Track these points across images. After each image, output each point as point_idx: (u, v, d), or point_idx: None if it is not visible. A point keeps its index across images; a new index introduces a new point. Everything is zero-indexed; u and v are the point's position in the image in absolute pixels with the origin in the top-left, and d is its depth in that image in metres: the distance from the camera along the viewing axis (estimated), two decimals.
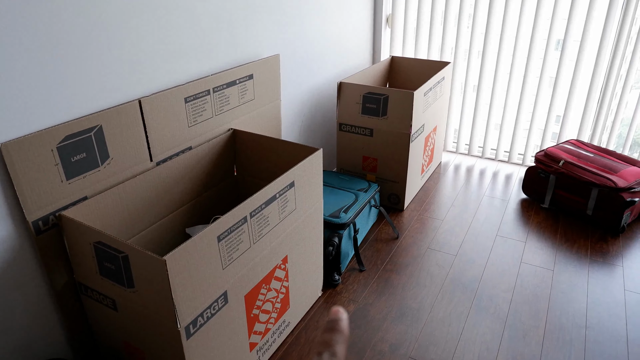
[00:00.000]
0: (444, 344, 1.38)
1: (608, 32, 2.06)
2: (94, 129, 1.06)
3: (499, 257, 1.75)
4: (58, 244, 1.06)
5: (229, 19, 1.43)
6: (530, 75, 2.26)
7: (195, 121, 1.33)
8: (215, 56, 1.41)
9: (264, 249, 1.16)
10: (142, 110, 1.16)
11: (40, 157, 0.97)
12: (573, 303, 1.53)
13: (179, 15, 1.25)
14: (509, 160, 2.47)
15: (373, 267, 1.70)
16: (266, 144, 1.43)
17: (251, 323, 1.18)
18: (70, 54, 1.01)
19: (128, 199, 1.17)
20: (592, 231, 1.90)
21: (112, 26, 1.08)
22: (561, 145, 2.09)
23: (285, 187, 1.18)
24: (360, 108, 1.88)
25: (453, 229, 1.92)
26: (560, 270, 1.68)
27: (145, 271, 0.91)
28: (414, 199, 2.14)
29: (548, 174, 2.00)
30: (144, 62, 1.19)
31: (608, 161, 1.96)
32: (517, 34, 2.21)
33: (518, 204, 2.09)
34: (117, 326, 1.08)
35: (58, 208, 1.03)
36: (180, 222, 1.37)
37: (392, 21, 2.44)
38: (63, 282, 1.09)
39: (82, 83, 1.05)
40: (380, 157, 1.94)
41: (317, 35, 1.91)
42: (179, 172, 1.31)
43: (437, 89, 2.07)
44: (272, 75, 1.60)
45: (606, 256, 1.75)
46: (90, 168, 1.08)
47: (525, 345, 1.38)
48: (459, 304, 1.53)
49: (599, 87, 2.17)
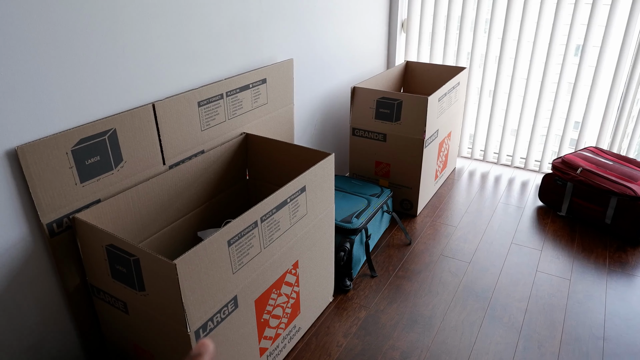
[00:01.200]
0: (456, 353, 1.36)
1: (629, 38, 2.02)
2: (108, 133, 1.07)
3: (514, 265, 1.72)
4: (71, 246, 1.07)
5: (243, 24, 1.43)
6: (548, 80, 2.23)
7: (208, 125, 1.33)
8: (229, 60, 1.41)
9: (274, 254, 1.15)
10: (155, 114, 1.17)
11: (55, 160, 0.98)
12: (590, 314, 1.50)
13: (193, 19, 1.26)
14: (525, 167, 2.44)
15: (385, 273, 1.69)
16: (278, 148, 1.43)
17: (261, 328, 1.18)
18: (86, 58, 1.02)
19: (141, 202, 1.18)
20: (611, 241, 1.86)
21: (126, 31, 1.09)
22: (579, 153, 2.05)
23: (296, 191, 1.18)
24: (373, 113, 1.87)
25: (466, 236, 1.89)
26: (577, 280, 1.64)
27: (156, 274, 0.91)
28: (427, 205, 2.12)
29: (565, 182, 1.96)
30: (158, 66, 1.20)
31: (628, 169, 1.91)
32: (535, 39, 2.18)
33: (534, 212, 2.06)
34: (128, 329, 1.08)
35: (72, 210, 1.04)
36: (192, 225, 1.37)
37: (408, 26, 2.43)
38: (75, 284, 1.10)
39: (96, 87, 1.06)
40: (393, 162, 1.93)
41: (332, 39, 1.91)
42: (191, 175, 1.32)
43: (452, 94, 2.05)
44: (285, 80, 1.60)
45: (625, 266, 1.71)
46: (104, 171, 1.09)
47: (540, 356, 1.35)
48: (472, 312, 1.51)
49: (619, 94, 2.13)
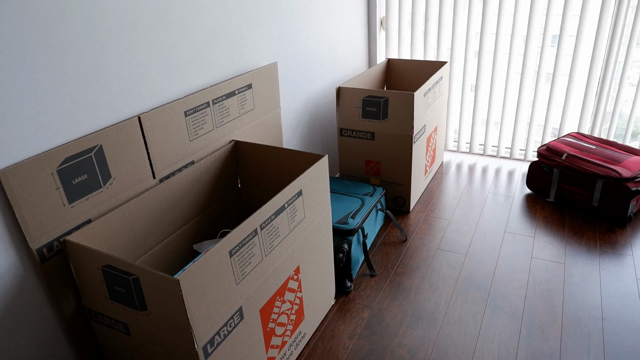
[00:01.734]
0: (463, 345, 1.36)
1: (603, 25, 2.06)
2: (94, 149, 1.04)
3: (509, 254, 1.73)
4: (64, 270, 1.02)
5: (224, 30, 1.40)
6: (528, 71, 2.26)
7: (196, 134, 1.30)
8: (213, 67, 1.39)
9: (276, 261, 1.13)
10: (142, 127, 1.14)
11: (40, 182, 0.94)
12: (587, 295, 1.51)
13: (174, 28, 1.23)
14: (511, 157, 2.46)
15: (384, 271, 1.67)
16: (269, 153, 1.41)
17: (268, 337, 1.15)
18: (65, 73, 0.99)
19: (133, 219, 1.14)
20: (599, 223, 1.89)
21: (105, 43, 1.06)
22: (562, 139, 2.08)
23: (293, 196, 1.16)
24: (360, 112, 1.86)
25: (461, 228, 1.90)
26: (572, 264, 1.66)
27: (158, 292, 0.88)
28: (419, 200, 2.12)
29: (551, 168, 1.99)
30: (141, 78, 1.16)
31: (610, 152, 1.95)
32: (513, 32, 2.21)
33: (523, 200, 2.08)
34: (131, 351, 1.04)
35: (62, 233, 1.00)
36: (186, 239, 1.34)
37: (386, 24, 2.43)
38: (72, 310, 1.06)
39: (78, 102, 1.02)
40: (383, 160, 1.92)
41: (313, 41, 1.89)
42: (183, 188, 1.29)
43: (436, 89, 2.06)
44: (270, 84, 1.58)
45: (615, 247, 1.74)
46: (93, 189, 1.05)
47: (544, 342, 1.35)
48: (473, 304, 1.51)
49: (596, 81, 2.17)
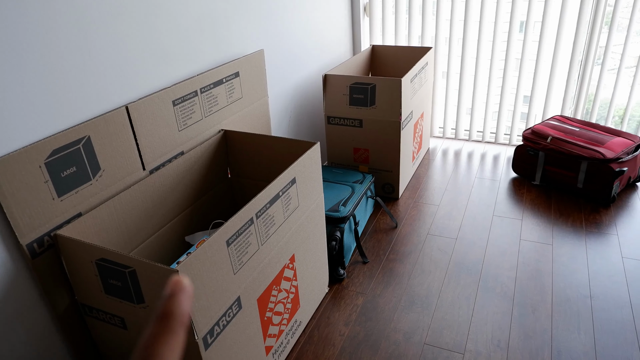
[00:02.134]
0: (457, 327, 1.37)
1: (584, 11, 2.08)
2: (82, 141, 1.01)
3: (498, 236, 1.75)
4: (56, 265, 1.00)
5: (211, 17, 1.38)
6: (511, 57, 2.27)
7: (185, 124, 1.28)
8: (200, 56, 1.36)
9: (272, 250, 1.12)
10: (130, 117, 1.11)
11: (28, 175, 0.91)
12: (575, 274, 1.54)
13: (160, 16, 1.20)
14: (496, 141, 2.49)
15: (376, 258, 1.68)
16: (259, 142, 1.39)
17: (265, 326, 1.15)
18: (50, 63, 0.95)
19: (124, 211, 1.12)
20: (584, 203, 1.92)
21: (91, 32, 1.03)
22: (547, 122, 2.11)
23: (287, 184, 1.15)
24: (347, 99, 1.85)
25: (450, 213, 1.91)
26: (559, 244, 1.69)
27: (156, 285, 0.87)
28: (408, 186, 2.13)
29: (537, 151, 2.01)
30: (128, 67, 1.13)
31: (594, 134, 1.98)
32: (496, 19, 2.22)
33: (509, 183, 2.10)
34: (128, 345, 1.03)
35: (52, 227, 0.97)
36: (178, 230, 1.32)
37: (370, 10, 2.41)
38: (65, 306, 1.04)
39: (65, 93, 0.99)
40: (371, 147, 1.92)
41: (298, 28, 1.87)
42: (173, 179, 1.27)
43: (422, 74, 2.06)
44: (258, 72, 1.55)
45: (600, 226, 1.78)
46: (82, 182, 1.02)
47: (535, 321, 1.38)
48: (465, 286, 1.52)
49: (577, 65, 2.19)
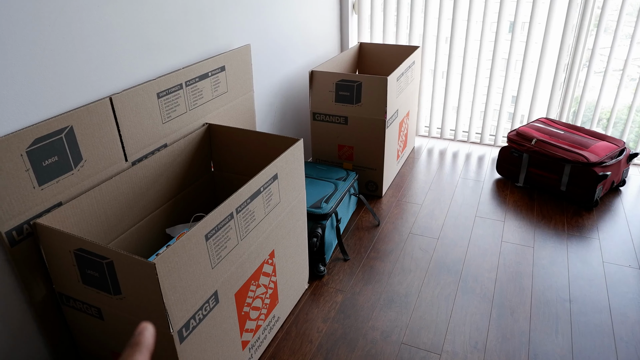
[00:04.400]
0: (435, 327, 1.39)
1: (572, 13, 2.10)
2: (64, 131, 1.00)
3: (480, 237, 1.77)
4: (34, 254, 1.00)
5: (197, 10, 1.37)
6: (498, 58, 2.29)
7: (169, 117, 1.28)
8: (185, 49, 1.36)
9: (251, 245, 1.13)
10: (113, 108, 1.11)
11: (9, 163, 0.91)
12: (555, 278, 1.57)
13: (146, 6, 1.19)
14: (481, 142, 2.51)
15: (357, 255, 1.69)
16: (243, 137, 1.40)
17: (242, 321, 1.15)
18: (33, 51, 0.95)
19: (105, 202, 1.12)
20: (567, 206, 1.95)
21: (75, 21, 1.02)
22: (532, 124, 2.13)
23: (269, 180, 1.15)
24: (333, 96, 1.86)
25: (432, 212, 1.93)
26: (540, 247, 1.71)
27: (133, 276, 0.87)
28: (392, 185, 2.14)
29: (521, 153, 2.03)
30: (112, 58, 1.13)
31: (578, 137, 2.00)
32: (484, 19, 2.23)
33: (493, 184, 2.13)
34: (104, 336, 1.03)
35: (32, 216, 0.97)
36: (159, 222, 1.32)
37: (359, 7, 2.42)
38: (42, 295, 1.03)
39: (49, 82, 0.99)
40: (356, 144, 1.93)
41: (286, 23, 1.87)
42: (156, 171, 1.26)
43: (409, 73, 2.07)
44: (244, 66, 1.55)
45: (582, 230, 1.80)
46: (63, 172, 1.02)
47: (514, 322, 1.40)
48: (445, 286, 1.54)
49: (563, 67, 2.22)
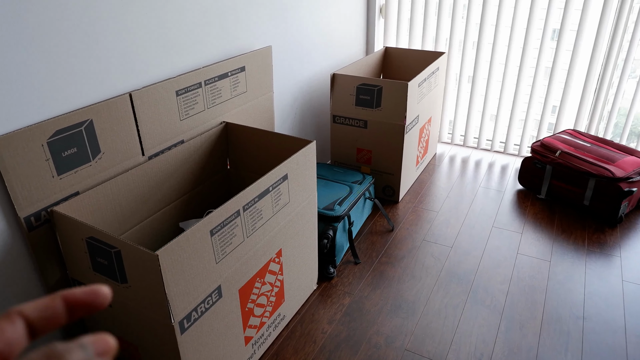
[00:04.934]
0: (440, 336, 1.38)
1: (605, 21, 2.04)
2: (84, 124, 1.05)
3: (495, 248, 1.75)
4: (50, 239, 1.05)
5: (219, 10, 1.41)
6: (526, 65, 2.25)
7: (187, 114, 1.31)
8: (206, 48, 1.39)
9: (257, 243, 1.15)
10: (133, 104, 1.15)
11: (30, 153, 0.96)
12: (570, 294, 1.53)
13: (168, 6, 1.24)
14: (505, 151, 2.47)
15: (368, 259, 1.70)
16: (259, 136, 1.42)
17: (246, 317, 1.18)
18: (60, 47, 1.00)
19: (120, 193, 1.16)
20: (590, 222, 1.90)
21: (101, 19, 1.07)
22: (558, 135, 2.08)
23: (278, 180, 1.17)
24: (354, 100, 1.87)
25: (448, 220, 1.91)
26: (557, 261, 1.68)
27: (138, 266, 0.90)
28: (409, 190, 2.13)
29: (544, 165, 1.99)
30: (134, 55, 1.17)
31: (605, 151, 1.95)
32: (513, 24, 2.20)
33: (514, 195, 2.09)
34: (111, 322, 1.07)
35: (50, 204, 1.02)
36: (173, 216, 1.36)
37: (386, 12, 2.42)
38: (56, 278, 1.09)
39: (71, 77, 1.04)
40: (374, 148, 1.93)
41: (310, 26, 1.89)
42: (171, 166, 1.30)
43: (432, 79, 2.06)
44: (264, 67, 1.58)
45: (604, 247, 1.75)
46: (82, 163, 1.07)
47: (522, 337, 1.37)
48: (454, 296, 1.53)
49: (595, 77, 2.16)
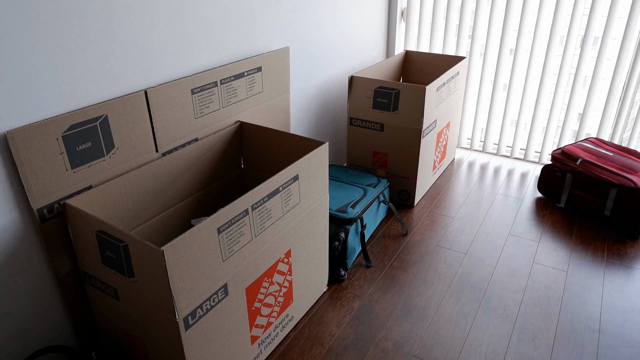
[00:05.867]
0: (450, 343, 1.36)
1: (631, 28, 1.99)
2: (99, 119, 1.07)
3: (511, 256, 1.71)
4: (62, 232, 1.07)
5: (237, 10, 1.42)
6: (549, 71, 2.20)
7: (202, 113, 1.32)
8: (223, 48, 1.40)
9: (266, 242, 1.15)
10: (148, 101, 1.16)
11: (45, 146, 0.98)
12: (586, 306, 1.49)
13: (187, 5, 1.25)
14: (525, 158, 2.42)
15: (380, 263, 1.68)
16: (273, 136, 1.42)
17: (252, 316, 1.18)
18: (77, 43, 1.01)
19: (133, 189, 1.18)
20: (610, 233, 1.84)
21: (119, 16, 1.08)
22: (579, 144, 2.03)
23: (289, 180, 1.17)
24: (371, 102, 1.86)
25: (464, 227, 1.88)
26: (574, 272, 1.63)
27: (145, 261, 0.91)
28: (425, 195, 2.11)
29: (565, 173, 1.95)
30: (151, 53, 1.19)
31: (628, 160, 1.89)
32: (536, 30, 2.16)
33: (533, 203, 2.05)
34: (119, 315, 1.08)
35: (63, 196, 1.04)
36: (185, 213, 1.37)
37: (407, 15, 2.40)
38: (67, 270, 1.10)
39: (88, 72, 1.05)
40: (390, 152, 1.92)
41: (329, 27, 1.89)
42: (185, 163, 1.31)
43: (451, 84, 2.03)
44: (281, 68, 1.58)
45: (623, 259, 1.70)
46: (96, 157, 1.08)
47: (534, 349, 1.34)
48: (466, 303, 1.50)
49: (621, 85, 2.10)
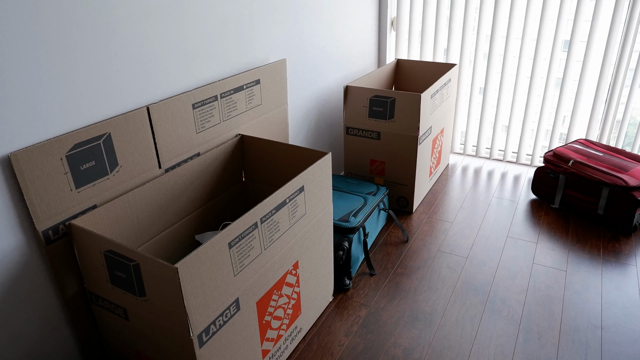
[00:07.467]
0: (458, 347, 1.36)
1: (615, 31, 2.04)
2: (102, 137, 1.06)
3: (511, 258, 1.73)
4: (68, 253, 1.05)
5: (236, 24, 1.42)
6: (537, 76, 2.25)
7: (203, 127, 1.32)
8: (222, 61, 1.40)
9: (274, 255, 1.15)
10: (150, 117, 1.16)
11: (49, 166, 0.96)
12: (587, 303, 1.51)
13: (186, 20, 1.25)
14: (517, 161, 2.46)
15: (383, 271, 1.68)
16: (274, 149, 1.43)
17: (263, 330, 1.17)
18: (77, 61, 1.01)
19: (137, 206, 1.17)
20: (604, 231, 1.88)
21: (118, 33, 1.08)
22: (570, 145, 2.07)
23: (295, 191, 1.17)
24: (367, 111, 1.87)
25: (463, 231, 1.90)
26: (573, 271, 1.66)
27: (157, 280, 0.90)
28: (423, 201, 2.12)
29: (557, 174, 1.98)
30: (151, 69, 1.18)
31: (618, 160, 1.94)
32: (523, 35, 2.20)
33: (528, 205, 2.07)
34: (129, 335, 1.07)
35: (68, 217, 1.02)
36: (189, 229, 1.36)
37: (397, 24, 2.43)
38: (73, 292, 1.09)
39: (89, 91, 1.05)
40: (388, 160, 1.93)
41: (323, 38, 1.91)
42: (188, 178, 1.31)
43: (444, 91, 2.06)
44: (279, 80, 1.59)
45: (619, 256, 1.73)
46: (100, 176, 1.07)
47: (540, 348, 1.36)
48: (471, 307, 1.51)
49: (606, 87, 2.16)
